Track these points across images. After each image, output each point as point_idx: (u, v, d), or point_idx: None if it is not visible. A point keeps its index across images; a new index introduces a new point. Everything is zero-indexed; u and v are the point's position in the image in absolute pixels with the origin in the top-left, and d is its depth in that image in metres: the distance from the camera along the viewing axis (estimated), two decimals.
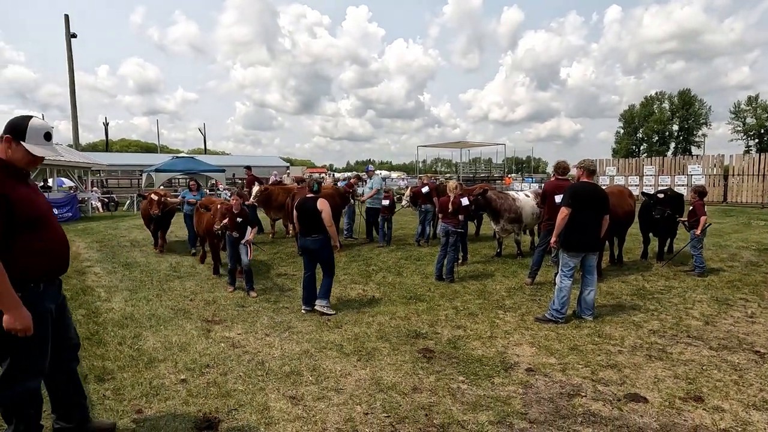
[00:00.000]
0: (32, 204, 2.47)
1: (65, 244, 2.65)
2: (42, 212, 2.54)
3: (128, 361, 4.15)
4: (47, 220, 2.55)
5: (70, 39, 24.08)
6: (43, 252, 2.47)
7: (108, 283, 7.15)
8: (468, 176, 32.82)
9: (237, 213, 6.57)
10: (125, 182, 35.69)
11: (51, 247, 2.52)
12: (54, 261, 2.56)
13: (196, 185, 10.08)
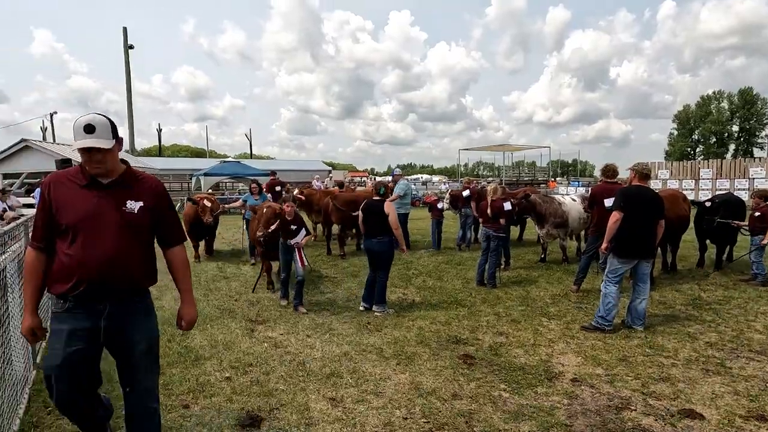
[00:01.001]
0: (67, 210, 2.22)
1: (98, 263, 2.19)
2: (73, 221, 2.20)
3: (176, 358, 4.31)
4: (80, 231, 2.20)
5: (128, 50, 25.44)
6: (66, 267, 2.20)
7: (159, 282, 7.42)
8: (511, 180, 32.17)
9: (291, 219, 6.10)
10: (176, 186, 37.21)
11: (74, 263, 2.18)
12: (74, 279, 2.19)
13: (257, 188, 9.21)
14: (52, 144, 19.45)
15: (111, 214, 2.25)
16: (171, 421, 3.19)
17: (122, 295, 2.31)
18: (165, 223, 2.47)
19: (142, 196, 2.36)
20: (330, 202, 9.88)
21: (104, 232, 2.22)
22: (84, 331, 2.25)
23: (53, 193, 2.25)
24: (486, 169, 56.06)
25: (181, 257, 2.55)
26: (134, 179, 2.40)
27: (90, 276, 2.19)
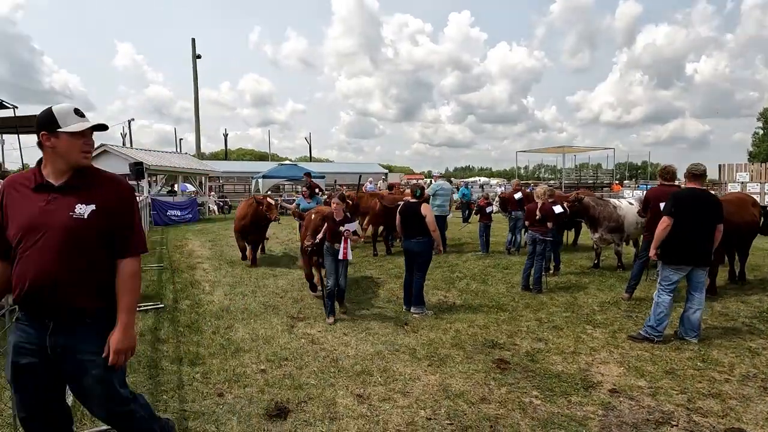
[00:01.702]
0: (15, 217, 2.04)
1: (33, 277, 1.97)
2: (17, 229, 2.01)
3: (218, 349, 4.55)
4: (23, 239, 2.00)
5: (196, 60, 27.01)
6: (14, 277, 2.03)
7: (213, 278, 7.90)
8: (571, 183, 30.92)
9: (340, 220, 5.50)
10: (240, 188, 39.07)
11: (17, 273, 2.01)
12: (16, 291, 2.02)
13: (308, 192, 8.96)
14: (127, 148, 21.05)
15: (56, 220, 1.99)
16: (204, 407, 3.38)
17: (66, 314, 2.03)
18: (121, 230, 2.14)
19: (97, 198, 2.07)
20: (378, 202, 10.01)
21: (45, 242, 1.98)
22: (31, 345, 2.04)
23: (6, 199, 2.08)
24: (547, 171, 54.36)
25: (129, 270, 2.15)
26: (92, 179, 2.12)
27: (25, 290, 1.99)
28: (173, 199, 18.69)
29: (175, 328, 5.18)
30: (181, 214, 17.61)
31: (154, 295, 6.65)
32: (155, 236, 13.89)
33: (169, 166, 19.14)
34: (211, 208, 21.77)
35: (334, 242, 5.51)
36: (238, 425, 3.16)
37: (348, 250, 5.45)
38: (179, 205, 17.92)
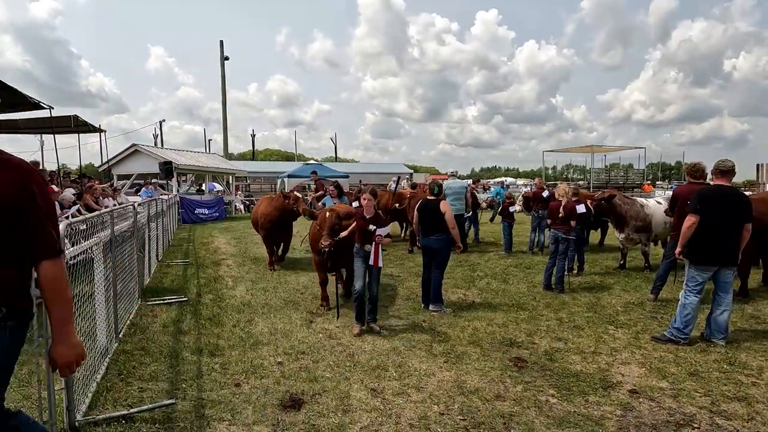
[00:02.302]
0: None
1: None
2: None
3: (238, 342, 4.64)
4: None
5: (224, 62, 27.56)
6: None
7: (236, 273, 8.05)
8: (601, 183, 30.23)
9: (371, 218, 5.01)
10: (267, 187, 39.75)
11: None
12: None
13: (335, 191, 8.33)
14: (157, 148, 21.65)
15: None
16: (221, 396, 3.45)
17: None
18: (25, 225, 1.79)
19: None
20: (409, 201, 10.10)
21: None
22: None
23: None
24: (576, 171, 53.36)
25: (49, 275, 1.83)
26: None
27: None
28: (201, 197, 19.12)
29: (197, 320, 5.31)
30: (208, 212, 18.00)
31: (179, 288, 6.83)
32: (183, 233, 14.24)
33: (198, 165, 19.59)
34: (237, 207, 22.18)
35: (364, 243, 4.99)
36: (253, 414, 3.22)
37: (379, 257, 4.96)
38: (206, 204, 18.32)
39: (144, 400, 3.32)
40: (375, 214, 5.08)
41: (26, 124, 11.40)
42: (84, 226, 3.70)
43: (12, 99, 8.06)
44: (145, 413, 3.13)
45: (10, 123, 11.20)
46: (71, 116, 10.91)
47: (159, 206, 9.52)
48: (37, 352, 2.71)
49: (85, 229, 3.63)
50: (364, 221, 4.99)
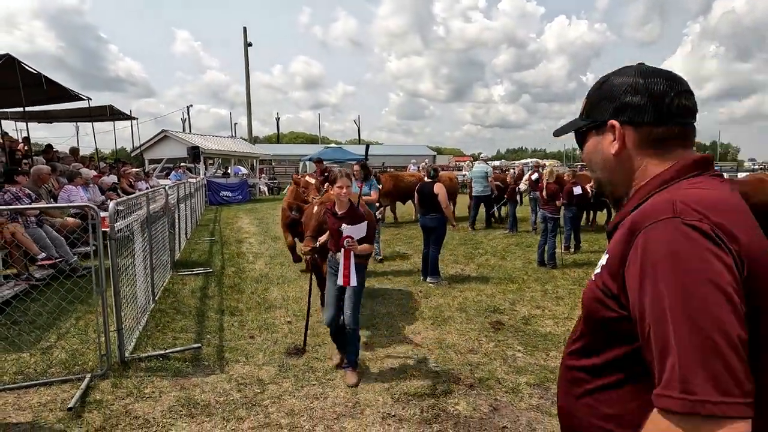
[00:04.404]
0: None
1: None
2: None
3: (254, 305, 5.38)
4: None
5: (247, 48, 28.30)
6: None
7: (257, 250, 8.84)
8: None
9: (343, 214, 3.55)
10: (291, 170, 40.75)
11: None
12: None
13: (361, 172, 6.89)
14: (186, 134, 22.67)
15: None
16: (238, 345, 4.19)
17: None
18: None
19: None
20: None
21: None
22: None
23: None
24: None
25: None
26: None
27: None
28: (226, 180, 20.08)
29: (220, 288, 6.09)
30: (232, 195, 18.95)
31: (204, 262, 7.66)
32: (209, 214, 15.19)
33: (223, 149, 20.52)
34: (261, 190, 23.13)
35: (336, 250, 3.54)
36: (263, 358, 3.94)
37: (351, 272, 3.47)
38: (231, 187, 19.26)
39: (176, 345, 4.09)
40: (349, 209, 3.58)
41: (68, 114, 12.43)
42: (123, 207, 4.45)
43: (56, 92, 8.97)
44: (177, 353, 3.90)
45: (53, 113, 12.25)
46: (107, 106, 11.84)
47: (187, 189, 10.36)
48: (96, 304, 3.47)
49: (125, 209, 4.38)
50: (334, 219, 3.57)
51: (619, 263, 0.89)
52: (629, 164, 1.02)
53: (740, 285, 0.79)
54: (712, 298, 0.76)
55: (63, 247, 6.25)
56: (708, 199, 0.86)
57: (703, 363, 0.74)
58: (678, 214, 0.83)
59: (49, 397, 3.21)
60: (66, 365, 3.67)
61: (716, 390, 0.72)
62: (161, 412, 3.08)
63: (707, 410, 0.72)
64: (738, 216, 0.86)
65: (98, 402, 3.16)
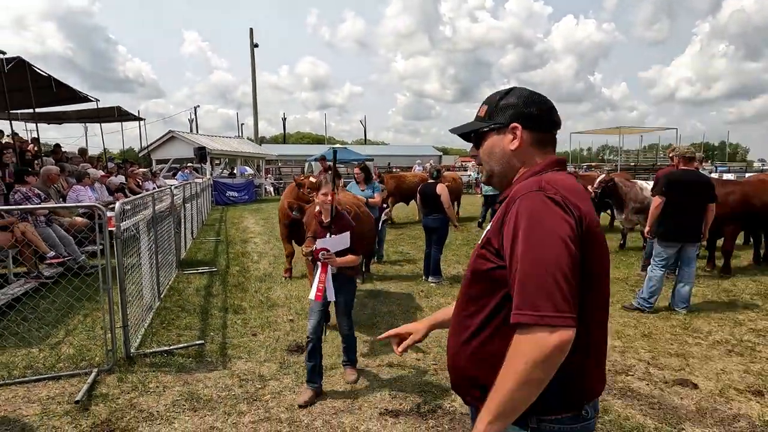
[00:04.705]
0: None
1: None
2: None
3: (258, 304, 5.48)
4: None
5: (254, 49, 28.50)
6: None
7: (261, 250, 8.95)
8: (627, 165, 29.90)
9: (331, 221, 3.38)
10: (297, 170, 40.93)
11: None
12: None
13: (362, 174, 6.73)
14: (192, 134, 22.86)
15: None
16: (241, 342, 4.28)
17: None
18: None
19: None
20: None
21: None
22: None
23: None
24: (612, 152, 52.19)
25: None
26: None
27: None
28: (232, 181, 20.25)
29: (224, 287, 6.19)
30: (238, 195, 19.10)
31: (210, 261, 7.78)
32: (215, 214, 15.35)
33: (230, 150, 20.69)
34: (267, 190, 23.29)
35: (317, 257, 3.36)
36: (265, 355, 4.03)
37: (328, 286, 3.32)
38: (237, 187, 19.42)
39: (181, 342, 4.19)
40: (335, 217, 3.38)
41: (77, 115, 12.61)
42: (129, 207, 4.55)
43: (67, 94, 9.13)
44: (181, 350, 4.00)
45: (62, 114, 12.44)
46: (115, 107, 12.01)
47: (193, 189, 10.49)
48: (102, 302, 3.57)
49: (131, 208, 4.48)
50: (320, 228, 3.44)
51: (499, 224, 1.21)
52: (521, 158, 1.33)
53: (578, 238, 1.12)
54: (556, 246, 1.08)
55: (71, 246, 6.38)
56: (562, 182, 1.21)
57: (545, 290, 1.06)
58: (542, 189, 1.16)
59: (57, 391, 3.32)
60: (73, 360, 3.78)
61: (553, 308, 1.05)
62: (165, 406, 3.18)
63: (546, 321, 1.05)
64: (579, 194, 1.21)
65: (104, 396, 3.26)
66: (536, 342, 1.06)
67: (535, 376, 1.07)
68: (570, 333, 1.06)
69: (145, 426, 2.95)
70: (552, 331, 1.05)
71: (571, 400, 1.19)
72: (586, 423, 1.24)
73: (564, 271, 1.06)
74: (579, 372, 1.18)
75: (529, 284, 1.08)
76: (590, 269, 1.16)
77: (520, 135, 1.32)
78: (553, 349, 1.05)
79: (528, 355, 1.06)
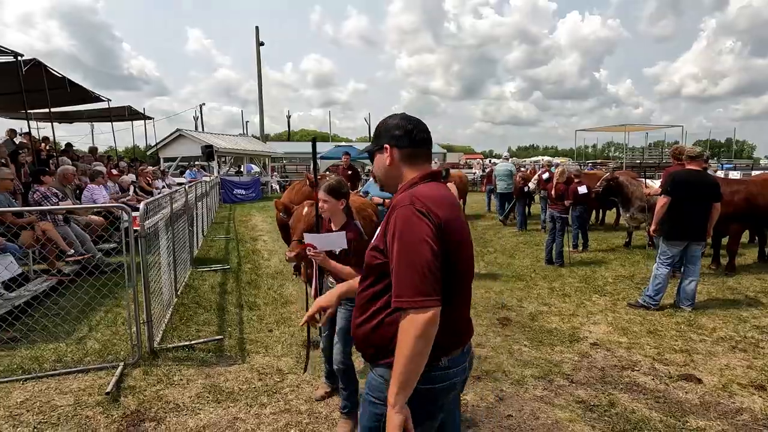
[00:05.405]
0: None
1: None
2: None
3: (271, 300, 5.62)
4: None
5: (259, 47, 28.62)
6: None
7: (271, 248, 9.10)
8: (633, 163, 29.88)
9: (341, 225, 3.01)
10: (302, 168, 41.08)
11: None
12: None
13: None
14: (200, 133, 23.05)
15: None
16: (258, 338, 4.43)
17: None
18: None
19: None
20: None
21: None
22: None
23: None
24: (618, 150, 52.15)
25: None
26: None
27: None
28: (239, 179, 20.41)
29: (238, 284, 6.34)
30: (245, 193, 19.26)
31: (222, 259, 7.93)
32: (224, 212, 15.52)
33: (236, 148, 20.84)
34: (273, 187, 23.44)
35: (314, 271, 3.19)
36: (281, 350, 4.17)
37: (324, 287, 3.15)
38: (244, 185, 19.58)
39: (200, 337, 4.34)
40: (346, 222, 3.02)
41: (89, 114, 12.81)
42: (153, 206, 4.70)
43: (80, 95, 9.30)
44: (201, 345, 4.15)
45: (75, 114, 12.63)
46: (126, 107, 12.20)
47: (203, 187, 10.65)
48: (127, 298, 3.72)
49: (154, 207, 4.63)
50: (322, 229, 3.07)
51: (384, 229, 1.54)
52: (396, 171, 1.68)
53: (438, 239, 1.45)
54: (422, 247, 1.42)
55: (88, 244, 6.55)
56: (429, 194, 1.53)
57: (415, 282, 1.40)
58: (412, 203, 1.48)
59: (87, 383, 3.47)
60: (100, 354, 3.94)
61: (421, 294, 1.39)
62: (190, 397, 3.32)
63: (417, 304, 1.39)
64: (443, 203, 1.53)
65: (132, 388, 3.41)
66: (412, 321, 1.39)
67: (418, 348, 1.40)
68: (435, 311, 1.41)
69: (173, 416, 3.09)
70: (422, 311, 1.39)
71: (434, 354, 1.49)
72: (444, 370, 1.58)
73: (429, 266, 1.41)
74: (439, 336, 1.48)
75: (403, 277, 1.42)
76: (451, 258, 1.51)
77: (390, 153, 1.66)
78: (425, 324, 1.39)
79: (409, 332, 1.39)
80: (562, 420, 3.16)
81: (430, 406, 1.60)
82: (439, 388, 1.58)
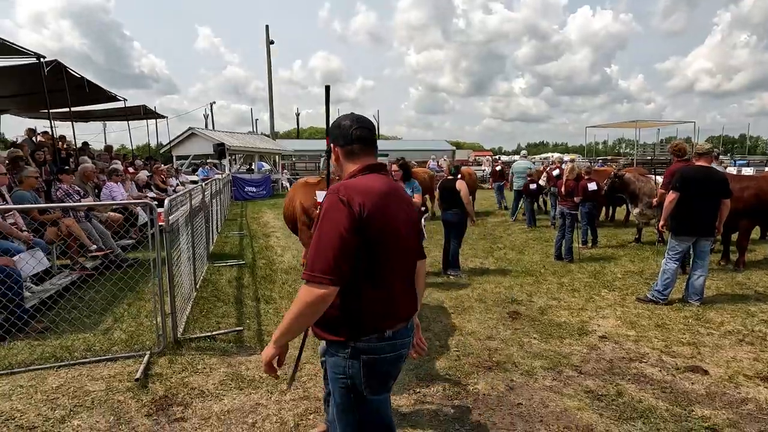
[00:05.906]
0: None
1: None
2: None
3: (286, 294, 5.78)
4: None
5: (269, 45, 28.83)
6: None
7: (284, 244, 9.27)
8: (643, 159, 29.67)
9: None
10: (311, 165, 41.31)
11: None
12: None
13: (399, 171, 5.97)
14: (211, 131, 23.32)
15: None
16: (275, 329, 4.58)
17: None
18: None
19: None
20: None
21: None
22: None
23: None
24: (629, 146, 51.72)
25: None
26: None
27: None
28: (250, 176, 20.64)
29: (254, 278, 6.52)
30: (256, 190, 19.49)
31: (237, 254, 8.12)
32: (236, 209, 15.74)
33: (247, 146, 21.07)
34: (283, 185, 23.65)
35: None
36: (297, 341, 4.29)
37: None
38: (255, 182, 19.81)
39: (220, 328, 4.51)
40: None
41: (105, 113, 13.08)
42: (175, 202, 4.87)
43: (97, 95, 9.53)
44: (222, 335, 4.32)
45: (93, 113, 12.91)
46: (141, 106, 12.45)
47: (217, 185, 10.85)
48: (153, 291, 3.89)
49: (176, 204, 4.80)
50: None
51: None
52: (342, 166, 1.93)
53: (354, 228, 1.65)
54: (334, 232, 1.64)
55: (108, 240, 6.76)
56: (357, 184, 1.75)
57: (321, 259, 1.63)
58: (336, 192, 1.70)
59: (116, 371, 3.65)
60: (127, 344, 4.12)
61: (320, 272, 1.62)
62: (213, 384, 3.49)
63: (316, 279, 1.62)
64: (368, 193, 1.72)
65: (159, 375, 3.59)
66: (309, 291, 1.63)
67: (305, 312, 1.66)
68: (330, 289, 1.63)
69: (198, 401, 3.26)
70: (317, 286, 1.62)
71: (375, 327, 1.77)
72: (389, 341, 1.81)
73: (335, 249, 1.62)
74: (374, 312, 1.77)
75: (313, 254, 1.66)
76: (371, 242, 1.71)
77: (335, 151, 1.94)
78: (317, 297, 1.62)
79: (303, 299, 1.65)
80: (571, 408, 3.27)
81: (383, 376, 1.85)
82: (389, 358, 1.83)
